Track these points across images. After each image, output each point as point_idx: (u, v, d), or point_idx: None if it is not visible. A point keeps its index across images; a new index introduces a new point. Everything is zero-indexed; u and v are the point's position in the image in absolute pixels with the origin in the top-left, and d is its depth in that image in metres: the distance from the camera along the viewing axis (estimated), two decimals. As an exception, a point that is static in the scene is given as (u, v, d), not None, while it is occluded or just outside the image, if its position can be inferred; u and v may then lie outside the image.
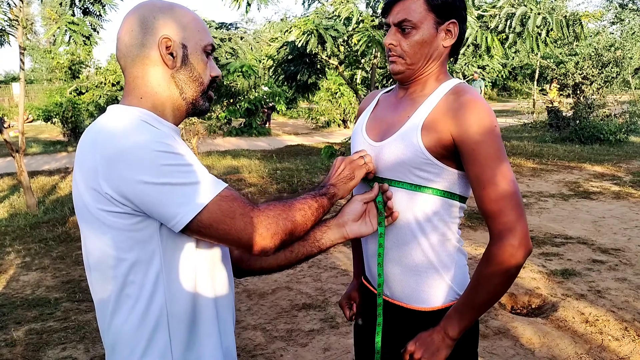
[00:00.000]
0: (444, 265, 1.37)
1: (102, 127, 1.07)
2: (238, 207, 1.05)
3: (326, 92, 16.85)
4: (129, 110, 1.11)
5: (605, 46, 13.40)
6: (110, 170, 1.00)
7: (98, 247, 1.08)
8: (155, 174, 0.99)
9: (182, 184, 1.01)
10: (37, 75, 31.88)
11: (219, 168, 9.80)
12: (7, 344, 3.35)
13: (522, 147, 11.40)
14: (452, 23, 1.33)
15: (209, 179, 1.05)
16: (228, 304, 1.23)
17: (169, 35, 1.12)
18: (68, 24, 6.31)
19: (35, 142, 15.19)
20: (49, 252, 5.25)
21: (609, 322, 3.39)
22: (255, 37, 9.28)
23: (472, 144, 1.24)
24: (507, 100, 29.79)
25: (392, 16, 1.33)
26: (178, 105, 1.17)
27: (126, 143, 1.00)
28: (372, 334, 1.46)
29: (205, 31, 1.18)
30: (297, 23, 7.45)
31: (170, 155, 1.01)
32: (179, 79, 1.15)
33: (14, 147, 6.61)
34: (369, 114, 1.50)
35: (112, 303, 1.10)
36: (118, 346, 1.12)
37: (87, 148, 1.07)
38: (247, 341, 3.27)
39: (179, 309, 1.11)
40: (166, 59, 1.13)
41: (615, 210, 6.18)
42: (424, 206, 1.33)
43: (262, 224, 1.06)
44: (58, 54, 19.12)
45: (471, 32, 6.88)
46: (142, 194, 1.00)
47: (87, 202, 1.06)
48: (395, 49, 1.34)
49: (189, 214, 1.01)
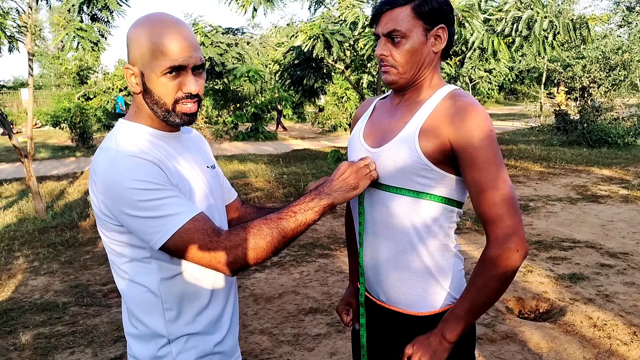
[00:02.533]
0: (441, 271, 1.38)
1: (101, 156, 1.23)
2: (197, 239, 1.18)
3: (332, 97, 16.88)
4: (128, 130, 1.29)
5: (613, 49, 13.37)
6: (104, 196, 1.20)
7: (108, 243, 1.30)
8: (132, 208, 1.17)
9: (154, 217, 1.17)
10: (45, 81, 32.13)
11: (226, 173, 9.83)
12: (15, 348, 3.37)
13: (530, 150, 11.36)
14: (441, 28, 1.33)
15: (176, 211, 1.18)
16: (229, 296, 1.42)
17: (129, 65, 1.27)
18: (76, 30, 6.37)
19: (43, 147, 15.30)
20: (57, 256, 5.28)
21: (617, 327, 3.36)
22: (262, 42, 9.34)
23: (471, 149, 1.25)
24: (514, 103, 29.71)
25: (381, 27, 1.34)
26: (159, 119, 1.30)
27: (113, 178, 1.18)
28: (371, 337, 1.48)
29: (164, 55, 1.21)
30: (304, 28, 7.48)
31: (144, 192, 1.17)
32: (147, 101, 1.28)
33: (22, 153, 6.66)
34: (366, 120, 1.51)
35: (122, 285, 1.33)
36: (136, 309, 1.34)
37: (93, 166, 1.25)
38: (254, 345, 3.28)
39: (171, 295, 1.30)
40: (131, 87, 1.29)
41: (624, 214, 6.14)
42: (424, 213, 1.34)
43: (219, 255, 1.19)
44: (66, 59, 19.27)
45: (477, 36, 6.88)
46: (124, 221, 1.20)
47: (96, 208, 1.26)
48: (387, 59, 1.35)
49: (158, 242, 1.18)
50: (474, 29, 6.80)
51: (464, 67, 10.87)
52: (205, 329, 1.35)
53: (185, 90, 1.25)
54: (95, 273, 4.73)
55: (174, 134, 1.34)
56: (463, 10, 6.70)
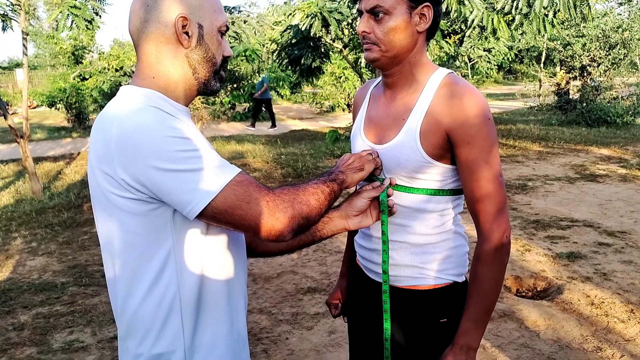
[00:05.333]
0: (442, 247, 1.38)
1: (115, 112, 1.05)
2: (253, 191, 1.02)
3: (330, 77, 16.74)
4: (141, 93, 1.10)
5: (613, 27, 13.23)
6: (125, 157, 0.99)
7: (113, 231, 1.08)
8: (167, 160, 0.97)
9: (194, 170, 0.99)
10: (40, 61, 31.84)
11: (224, 153, 9.79)
12: (14, 328, 3.38)
13: (528, 130, 11.33)
14: (426, 7, 1.28)
15: (222, 164, 1.03)
16: (240, 289, 1.22)
17: (186, 14, 1.10)
18: (70, 8, 6.27)
19: (39, 128, 15.22)
20: (55, 237, 5.27)
21: (614, 305, 3.38)
22: (259, 21, 9.23)
23: (468, 137, 1.25)
24: (513, 83, 29.55)
25: (364, 2, 1.29)
26: (190, 85, 1.15)
27: (138, 129, 0.99)
28: (373, 323, 1.46)
29: (221, 10, 1.15)
30: (301, 6, 7.39)
31: (181, 141, 0.99)
32: (192, 59, 1.13)
33: (18, 133, 6.62)
34: (364, 113, 1.48)
35: (125, 286, 1.10)
36: (132, 329, 1.12)
37: (101, 133, 1.05)
38: (252, 324, 3.29)
39: (191, 294, 1.10)
40: (181, 37, 1.10)
41: (622, 193, 6.15)
42: (424, 199, 1.35)
43: (279, 208, 1.04)
44: (61, 39, 19.03)
45: (477, 14, 6.79)
46: (155, 180, 0.98)
47: (102, 187, 1.05)
48: (369, 37, 1.30)
49: (203, 201, 0.99)
50: (473, 7, 6.72)
51: (463, 46, 10.77)
52: (229, 342, 1.18)
53: (227, 53, 1.18)
54: (94, 253, 4.73)
55: (186, 109, 1.18)
56: (463, -12, 6.61)
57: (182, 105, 1.15)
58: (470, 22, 6.95)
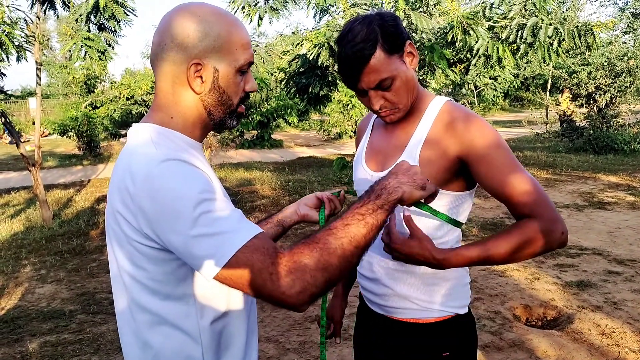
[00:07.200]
0: (447, 278, 1.37)
1: (138, 162, 1.00)
2: (257, 260, 0.92)
3: (338, 104, 16.89)
4: (164, 135, 1.07)
5: (618, 56, 13.32)
6: (147, 212, 0.95)
7: (133, 274, 1.04)
8: (189, 225, 0.92)
9: (210, 235, 0.93)
10: (53, 90, 32.35)
11: (232, 180, 9.86)
12: (22, 356, 3.38)
13: (535, 157, 11.33)
14: (408, 44, 1.29)
15: (236, 226, 0.95)
16: (254, 325, 1.22)
17: (200, 59, 1.04)
18: (84, 40, 6.43)
19: (51, 155, 15.40)
20: (64, 264, 5.30)
21: (625, 334, 3.34)
22: (267, 50, 9.36)
23: (482, 151, 1.24)
24: (520, 110, 29.64)
25: (364, 83, 1.28)
26: (206, 125, 1.13)
27: (167, 187, 0.94)
28: (369, 348, 1.49)
29: (245, 47, 1.09)
30: (309, 36, 7.52)
31: (204, 204, 0.94)
32: (206, 102, 1.09)
33: (30, 161, 6.72)
34: (366, 142, 1.50)
35: (145, 330, 1.06)
36: None
37: (123, 182, 1.00)
38: (260, 353, 3.27)
39: (212, 339, 1.08)
40: (193, 84, 1.06)
41: (631, 221, 6.11)
42: (428, 227, 1.33)
43: (285, 281, 0.91)
44: (74, 69, 19.38)
45: (482, 43, 6.88)
46: (173, 243, 0.95)
47: (125, 232, 1.01)
48: (387, 105, 1.31)
49: (215, 266, 0.93)
50: (478, 37, 6.81)
51: (469, 74, 10.87)
52: None
53: (249, 88, 1.12)
54: (102, 281, 4.74)
55: (200, 144, 1.15)
56: (468, 18, 6.71)
57: (197, 142, 1.13)
58: (475, 52, 7.03)
